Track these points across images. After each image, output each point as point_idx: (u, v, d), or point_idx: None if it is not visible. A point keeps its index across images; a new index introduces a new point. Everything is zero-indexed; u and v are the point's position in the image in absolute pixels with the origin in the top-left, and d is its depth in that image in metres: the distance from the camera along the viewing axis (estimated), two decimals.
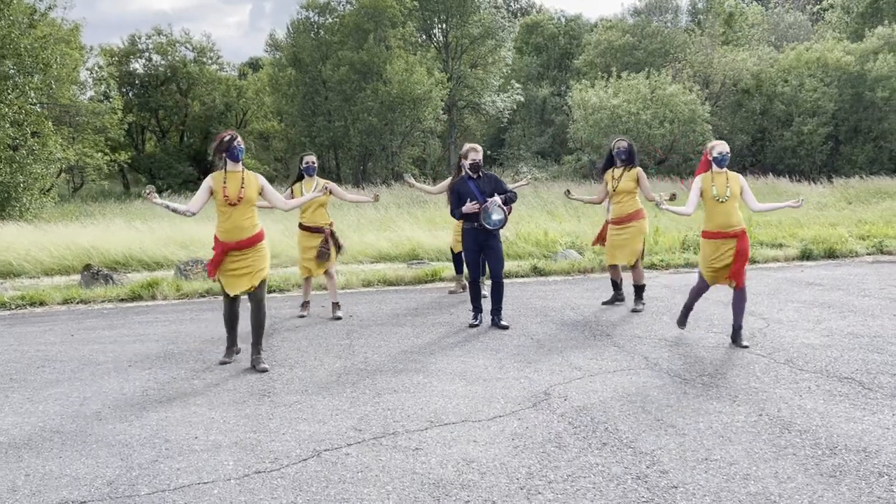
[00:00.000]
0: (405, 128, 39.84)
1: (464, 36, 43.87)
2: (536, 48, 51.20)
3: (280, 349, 6.96)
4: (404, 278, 10.59)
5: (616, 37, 42.20)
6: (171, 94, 44.36)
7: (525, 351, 6.61)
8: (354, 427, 4.83)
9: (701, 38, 37.79)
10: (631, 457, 4.23)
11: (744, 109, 34.92)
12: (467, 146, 7.59)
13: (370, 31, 39.69)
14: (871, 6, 38.97)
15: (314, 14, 41.91)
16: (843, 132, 33.89)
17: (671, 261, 11.56)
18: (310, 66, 40.52)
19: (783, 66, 34.81)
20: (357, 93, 38.66)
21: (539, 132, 46.55)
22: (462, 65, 44.49)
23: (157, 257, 14.09)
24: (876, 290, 8.99)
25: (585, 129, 32.98)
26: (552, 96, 47.48)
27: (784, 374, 5.71)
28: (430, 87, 38.02)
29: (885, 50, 33.16)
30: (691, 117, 32.31)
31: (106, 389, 5.82)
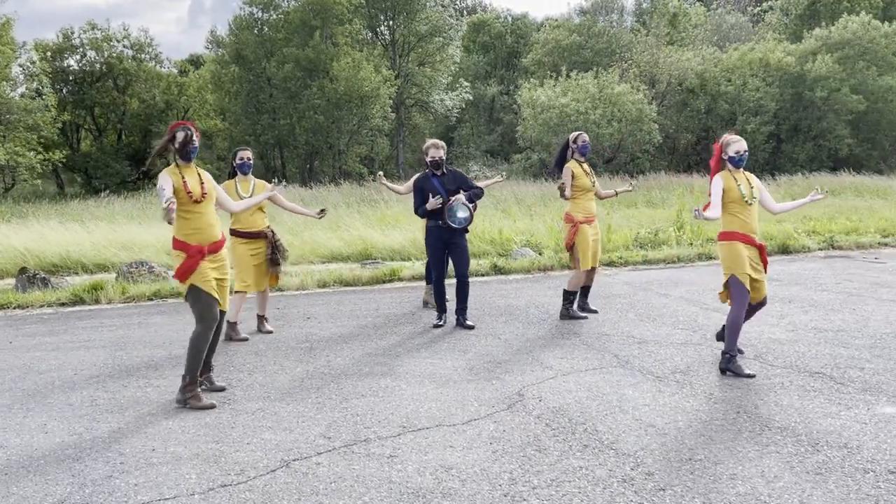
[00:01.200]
0: (352, 126, 39.42)
1: (411, 34, 43.63)
2: (484, 47, 51.22)
3: (237, 354, 6.67)
4: (361, 278, 10.35)
5: (563, 36, 42.45)
6: (108, 92, 42.98)
7: (493, 351, 6.45)
8: (323, 434, 4.60)
9: (647, 38, 38.25)
10: (614, 459, 4.10)
11: (689, 108, 35.43)
12: (428, 142, 7.41)
13: (316, 28, 39.17)
14: (808, 8, 39.96)
15: (258, 10, 41.17)
16: (785, 131, 34.66)
17: (629, 258, 11.53)
18: (254, 63, 39.77)
19: (726, 66, 35.44)
20: (303, 90, 38.08)
21: (488, 131, 46.58)
22: (410, 63, 44.24)
23: (97, 260, 13.55)
24: (832, 285, 9.08)
25: (535, 127, 33.06)
26: (501, 95, 47.57)
27: (755, 369, 5.66)
28: (378, 85, 37.69)
29: (822, 51, 34.02)
30: (639, 116, 32.64)
31: (51, 400, 5.47)
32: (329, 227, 17.84)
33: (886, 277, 9.49)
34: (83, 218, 19.96)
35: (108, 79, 42.83)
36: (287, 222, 15.92)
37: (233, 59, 40.51)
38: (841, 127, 33.19)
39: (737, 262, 5.57)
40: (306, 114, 37.95)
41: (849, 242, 12.35)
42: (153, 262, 12.56)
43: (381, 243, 14.84)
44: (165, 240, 14.88)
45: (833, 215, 18.87)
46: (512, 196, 22.34)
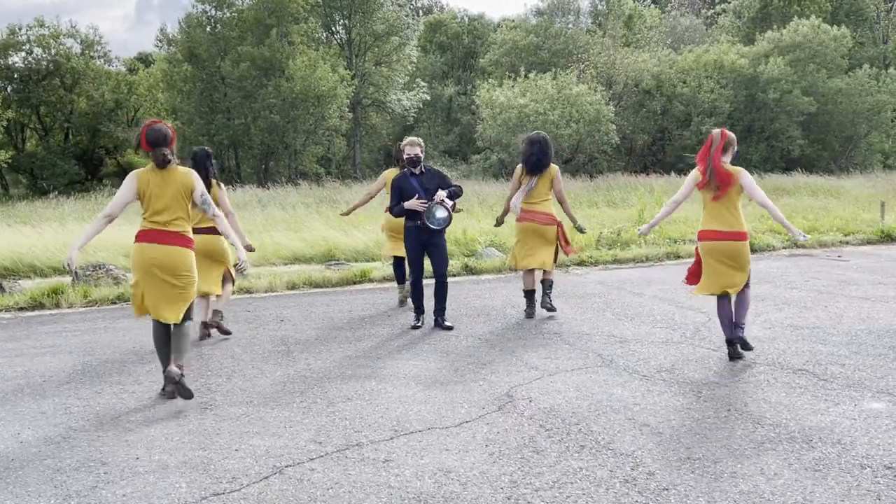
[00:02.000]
0: (309, 126, 39.03)
1: (367, 33, 43.38)
2: (440, 47, 51.20)
3: (213, 357, 6.50)
4: (331, 280, 10.21)
5: (520, 37, 42.62)
6: (55, 90, 41.86)
7: (476, 352, 6.39)
8: (313, 440, 4.48)
9: (603, 39, 38.61)
10: (613, 459, 4.06)
11: (645, 109, 35.86)
12: (405, 140, 7.32)
13: (272, 27, 38.71)
14: (760, 11, 40.77)
15: (211, 8, 40.51)
16: (739, 132, 35.19)
17: (599, 257, 11.58)
18: (207, 61, 39.11)
19: (682, 67, 35.96)
20: (258, 90, 37.55)
21: (446, 131, 46.56)
22: (366, 62, 43.98)
23: (51, 262, 13.13)
24: (801, 283, 9.23)
25: (494, 128, 33.12)
26: (458, 95, 47.59)
27: (738, 367, 5.70)
28: (335, 85, 37.39)
29: (774, 53, 34.73)
30: (596, 117, 32.90)
31: (22, 409, 5.25)
32: (289, 227, 17.63)
33: (852, 275, 9.68)
34: (32, 220, 19.44)
35: (55, 77, 41.74)
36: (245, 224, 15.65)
37: (185, 57, 39.75)
38: (793, 128, 33.95)
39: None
40: (262, 113, 37.43)
41: (812, 241, 12.58)
42: (111, 265, 12.23)
43: (344, 244, 14.68)
44: (121, 242, 14.52)
45: (790, 214, 19.12)
46: (474, 196, 22.31)
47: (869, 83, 34.31)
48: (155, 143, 5.37)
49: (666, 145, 36.83)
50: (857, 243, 12.83)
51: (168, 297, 5.31)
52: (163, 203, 5.35)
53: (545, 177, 7.57)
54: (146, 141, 5.39)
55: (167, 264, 5.31)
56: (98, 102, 41.75)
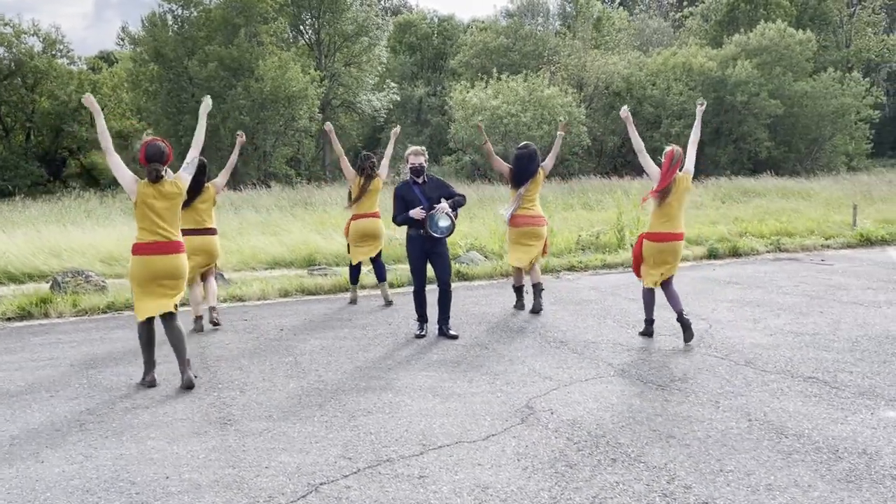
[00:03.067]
0: (279, 127, 38.72)
1: (337, 33, 43.17)
2: (410, 47, 51.14)
3: (220, 369, 6.42)
4: (323, 287, 10.14)
5: (491, 38, 42.75)
6: (16, 89, 41.02)
7: (486, 362, 6.40)
8: (342, 455, 4.46)
9: (574, 41, 38.88)
10: (647, 473, 4.10)
11: (615, 111, 36.16)
12: (410, 150, 7.29)
13: (240, 27, 38.31)
14: (727, 15, 41.39)
15: (178, 7, 39.95)
16: (707, 134, 35.72)
17: (588, 262, 11.66)
18: (174, 61, 38.57)
19: (651, 70, 36.36)
20: (227, 90, 37.13)
21: (416, 132, 46.48)
22: (336, 63, 43.77)
23: (24, 269, 12.86)
24: (791, 288, 9.39)
25: (467, 129, 33.16)
26: (428, 96, 47.56)
27: (750, 376, 5.79)
28: (306, 85, 37.14)
29: (742, 56, 35.28)
30: (568, 119, 33.13)
31: (35, 426, 5.14)
32: (266, 231, 17.47)
33: (839, 279, 9.87)
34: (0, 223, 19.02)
35: (16, 76, 40.87)
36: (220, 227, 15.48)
37: (151, 57, 39.16)
38: (760, 130, 34.53)
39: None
40: (231, 114, 37.00)
41: (794, 245, 12.80)
42: (90, 271, 12.01)
43: (324, 248, 14.59)
44: (97, 246, 14.27)
45: (762, 217, 19.50)
46: None
47: (833, 86, 35.01)
48: (151, 159, 5.84)
49: None
50: (838, 247, 13.08)
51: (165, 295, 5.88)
52: (158, 215, 5.82)
53: (535, 181, 8.30)
54: (145, 156, 5.84)
55: (171, 272, 5.85)
56: (62, 102, 40.97)
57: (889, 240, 13.39)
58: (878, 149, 40.87)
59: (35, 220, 19.48)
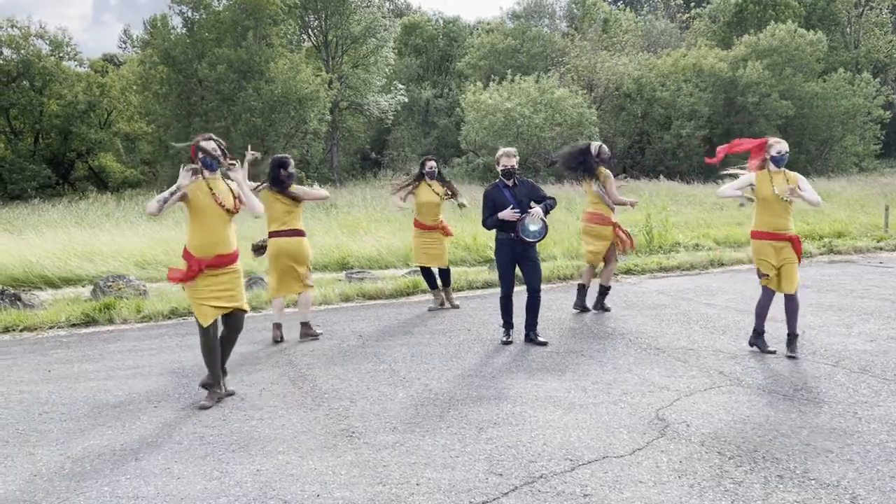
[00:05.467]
0: (290, 129, 38.50)
1: (344, 35, 42.97)
2: (416, 49, 50.94)
3: (317, 378, 6.24)
4: (384, 291, 9.97)
5: (498, 39, 42.63)
6: (24, 92, 40.65)
7: (591, 370, 6.24)
8: (491, 471, 4.29)
9: (583, 42, 38.80)
10: (823, 491, 3.94)
11: (625, 113, 36.15)
12: (501, 151, 7.14)
13: (249, 29, 38.08)
14: (735, 16, 41.38)
15: (188, 9, 39.68)
16: (718, 135, 35.66)
17: (645, 266, 11.52)
18: (183, 64, 38.31)
19: (661, 71, 36.30)
20: (237, 92, 36.92)
21: (423, 134, 46.32)
22: (343, 65, 43.58)
23: (60, 273, 12.67)
24: (863, 291, 9.27)
25: (479, 131, 33.02)
26: (435, 98, 47.39)
27: (873, 384, 5.64)
28: (318, 87, 36.94)
29: (752, 57, 35.25)
30: (579, 120, 33.05)
31: (150, 437, 4.96)
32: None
33: None
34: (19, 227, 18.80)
35: (24, 79, 40.52)
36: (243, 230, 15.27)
37: (161, 59, 38.91)
38: (772, 131, 34.41)
39: (759, 256, 6.49)
40: (242, 116, 36.79)
41: (847, 247, 12.69)
42: (130, 276, 11.84)
43: (356, 251, 14.46)
44: (130, 249, 14.08)
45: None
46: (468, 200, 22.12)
47: (844, 87, 35.04)
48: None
49: (646, 148, 37.13)
50: (891, 249, 12.99)
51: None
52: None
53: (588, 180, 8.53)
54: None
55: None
56: (70, 104, 40.65)
57: None
58: (886, 149, 40.93)
59: (55, 224, 19.25)
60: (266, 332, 8.04)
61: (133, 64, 42.96)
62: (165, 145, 39.34)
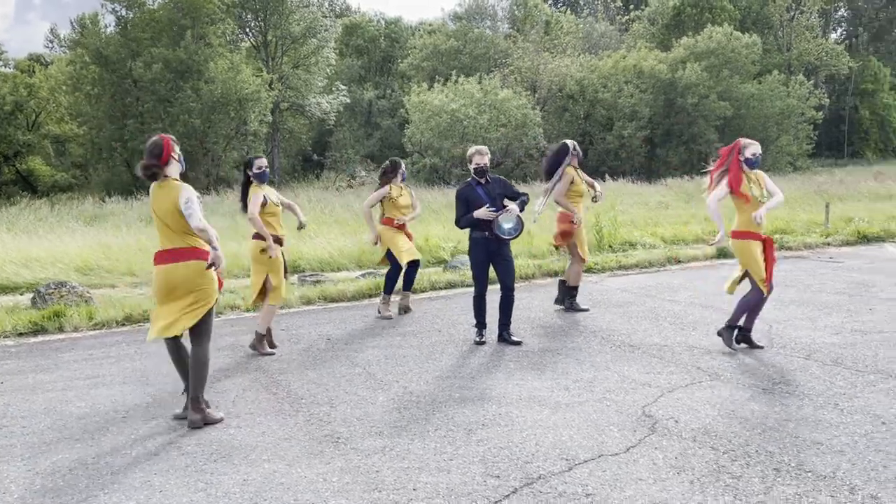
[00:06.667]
0: (230, 130, 37.75)
1: (284, 35, 42.38)
2: (357, 50, 50.58)
3: (291, 384, 6.05)
4: (346, 293, 9.79)
5: (441, 41, 42.62)
6: None
7: (569, 369, 6.20)
8: (488, 474, 4.20)
9: (525, 44, 39.05)
10: (822, 483, 3.96)
11: (568, 114, 36.51)
12: (472, 149, 7.05)
13: (187, 28, 37.21)
14: (674, 18, 42.22)
15: (121, 7, 38.57)
16: (659, 136, 36.37)
17: (605, 264, 11.58)
18: (117, 63, 37.20)
19: (602, 73, 36.77)
20: (175, 93, 36.03)
21: (366, 135, 45.99)
22: (284, 65, 42.97)
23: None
24: (820, 286, 9.48)
25: (425, 132, 32.92)
26: (378, 99, 47.10)
27: (848, 376, 5.73)
28: (259, 88, 36.31)
29: (691, 59, 35.99)
30: (524, 122, 33.25)
31: (124, 449, 4.72)
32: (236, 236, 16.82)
33: (861, 277, 10.01)
34: None
35: None
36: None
37: (93, 59, 37.69)
38: (710, 132, 35.26)
39: (753, 258, 6.48)
40: (180, 118, 35.89)
41: (797, 243, 12.99)
42: (74, 283, 11.36)
43: (308, 254, 14.19)
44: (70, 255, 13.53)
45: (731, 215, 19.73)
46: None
47: (779, 88, 36.05)
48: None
49: (589, 149, 37.53)
50: (838, 244, 13.35)
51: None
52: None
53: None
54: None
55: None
56: None
57: (884, 237, 13.74)
58: (818, 149, 42.27)
59: None
60: (230, 338, 7.80)
61: (62, 64, 41.61)
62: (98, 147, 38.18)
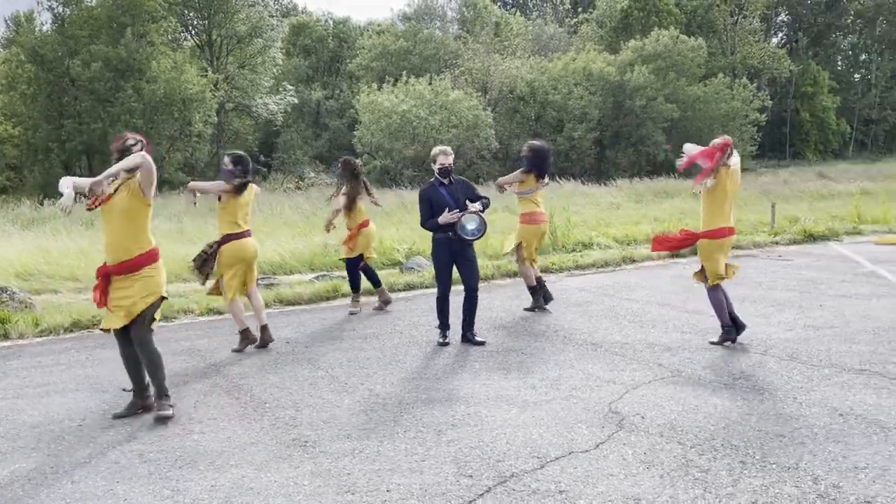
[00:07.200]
0: (174, 131, 37.06)
1: (229, 34, 41.77)
2: (305, 50, 50.11)
3: (253, 388, 5.96)
4: (303, 296, 9.68)
5: (390, 41, 42.52)
6: None
7: (534, 368, 6.23)
8: (461, 473, 4.19)
9: (476, 45, 39.20)
10: (786, 474, 4.05)
11: (519, 115, 36.74)
12: (437, 150, 7.05)
13: (127, 26, 36.39)
14: (621, 21, 42.85)
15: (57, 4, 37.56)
16: (608, 137, 36.86)
17: (563, 264, 11.68)
18: (54, 62, 36.20)
19: (553, 74, 37.11)
20: (115, 93, 35.19)
21: (314, 136, 45.59)
22: (229, 65, 42.35)
23: None
24: (771, 283, 9.71)
25: (375, 133, 32.80)
26: (326, 100, 46.75)
27: (804, 371, 5.86)
28: (203, 88, 35.71)
29: (638, 62, 36.59)
30: (475, 123, 33.37)
31: (82, 458, 4.59)
32: (183, 239, 16.52)
33: (810, 274, 10.28)
34: None
35: None
36: None
37: (28, 57, 36.58)
38: (658, 134, 35.89)
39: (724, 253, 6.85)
40: (121, 118, 35.05)
41: (747, 242, 13.27)
42: (13, 288, 10.99)
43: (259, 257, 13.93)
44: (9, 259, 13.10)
45: (679, 216, 20.13)
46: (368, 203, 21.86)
47: (723, 91, 36.88)
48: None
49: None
50: (786, 243, 13.69)
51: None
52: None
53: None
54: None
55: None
56: None
57: (829, 235, 14.14)
58: (761, 150, 43.33)
59: None
60: (186, 342, 7.65)
61: None
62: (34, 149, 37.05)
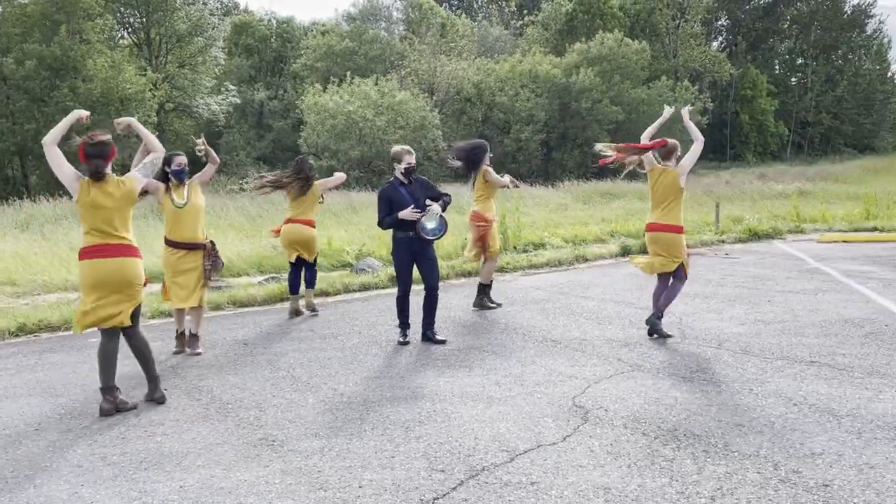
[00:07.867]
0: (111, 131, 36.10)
1: (169, 33, 41.01)
2: (247, 50, 49.45)
3: (213, 389, 5.89)
4: (256, 298, 9.57)
5: (335, 41, 42.27)
6: None
7: (496, 364, 6.29)
8: (432, 468, 4.22)
9: (422, 46, 39.25)
10: (748, 461, 4.18)
11: (466, 117, 36.93)
12: (399, 149, 7.03)
13: (61, 23, 35.44)
14: (567, 24, 43.39)
15: None
16: (554, 139, 37.29)
17: (517, 264, 11.78)
18: None
19: (499, 76, 37.40)
20: (50, 92, 34.25)
21: (258, 137, 45.02)
22: (169, 64, 41.56)
23: None
24: (721, 280, 9.97)
25: (321, 134, 32.57)
26: (269, 100, 46.22)
27: (758, 364, 6.04)
28: (143, 87, 34.98)
29: (584, 64, 37.11)
30: (422, 124, 33.41)
31: (43, 463, 4.48)
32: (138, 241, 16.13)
33: (757, 271, 10.58)
34: None
35: None
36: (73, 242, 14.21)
37: None
38: (603, 136, 36.35)
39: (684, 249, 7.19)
40: (56, 118, 34.07)
41: (694, 241, 13.57)
42: None
43: None
44: None
45: (626, 217, 20.50)
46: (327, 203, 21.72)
47: (666, 94, 37.64)
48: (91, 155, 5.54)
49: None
50: (732, 241, 14.06)
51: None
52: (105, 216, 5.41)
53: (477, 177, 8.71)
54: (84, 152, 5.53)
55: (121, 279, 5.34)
56: None
57: (773, 234, 14.57)
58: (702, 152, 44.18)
59: None
60: None
61: None
62: None
